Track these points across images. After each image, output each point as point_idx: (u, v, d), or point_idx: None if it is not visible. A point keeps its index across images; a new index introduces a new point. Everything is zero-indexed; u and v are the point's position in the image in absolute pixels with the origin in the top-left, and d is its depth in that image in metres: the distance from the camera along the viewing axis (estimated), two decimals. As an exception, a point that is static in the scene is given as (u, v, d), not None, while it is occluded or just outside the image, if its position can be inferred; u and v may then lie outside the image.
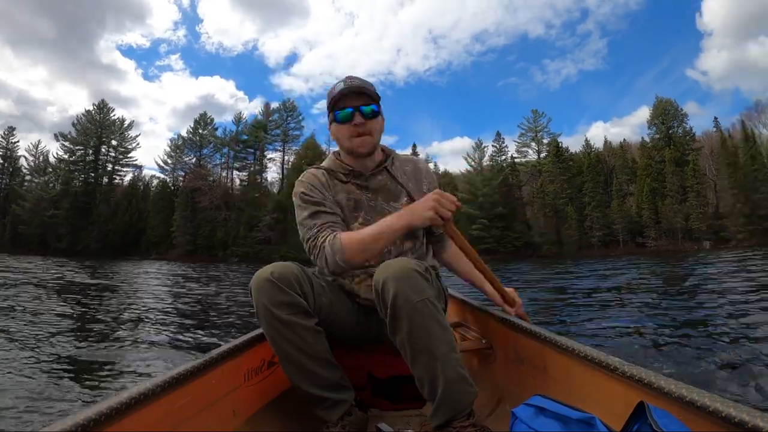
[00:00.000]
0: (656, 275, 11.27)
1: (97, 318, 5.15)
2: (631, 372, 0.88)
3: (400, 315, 1.03)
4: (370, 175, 1.38)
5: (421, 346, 1.03)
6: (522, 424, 0.85)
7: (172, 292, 8.84)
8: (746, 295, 5.91)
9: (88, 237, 48.87)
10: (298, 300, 1.11)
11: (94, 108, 54.33)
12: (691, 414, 0.74)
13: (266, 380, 1.27)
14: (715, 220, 41.90)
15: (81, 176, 52.95)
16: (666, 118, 46.38)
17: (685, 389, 0.76)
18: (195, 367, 0.96)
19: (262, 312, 1.09)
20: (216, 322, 5.21)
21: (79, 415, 0.68)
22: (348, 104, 1.29)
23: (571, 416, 0.79)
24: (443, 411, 1.03)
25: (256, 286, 1.10)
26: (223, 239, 46.88)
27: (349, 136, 1.30)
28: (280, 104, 54.10)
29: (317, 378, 1.12)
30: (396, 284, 1.03)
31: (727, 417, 0.67)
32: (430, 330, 1.03)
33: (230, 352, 1.10)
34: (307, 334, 1.11)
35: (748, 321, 4.09)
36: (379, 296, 1.07)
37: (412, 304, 1.02)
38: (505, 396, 1.34)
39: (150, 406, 0.81)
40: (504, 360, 1.43)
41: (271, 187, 52.85)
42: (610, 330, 4.04)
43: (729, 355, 2.90)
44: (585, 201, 45.89)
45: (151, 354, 3.44)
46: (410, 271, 1.05)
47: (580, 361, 1.04)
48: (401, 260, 1.10)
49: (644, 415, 0.72)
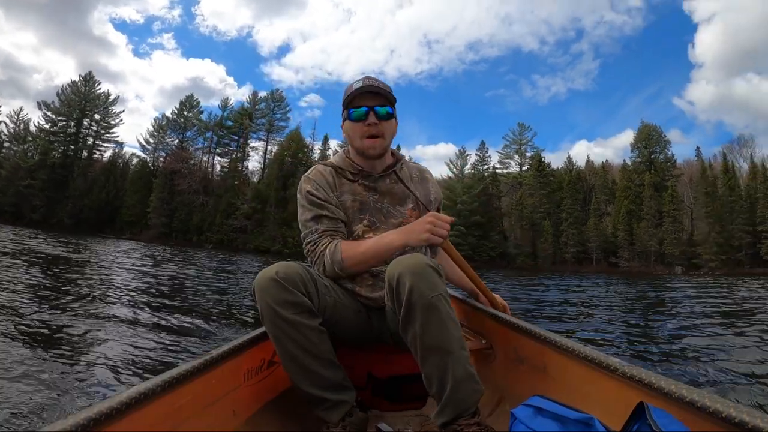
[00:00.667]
0: (624, 294, 11.60)
1: (62, 293, 5.15)
2: (630, 372, 0.87)
3: (415, 310, 1.02)
4: (378, 177, 1.38)
5: (433, 343, 1.03)
6: (521, 424, 0.85)
7: (141, 273, 8.86)
8: (703, 319, 6.16)
9: (62, 211, 47.99)
10: (302, 299, 1.10)
11: (80, 79, 53.20)
12: (691, 414, 0.73)
13: (266, 380, 1.26)
14: (689, 247, 42.57)
15: (60, 148, 51.73)
16: (649, 143, 46.95)
17: (685, 389, 0.75)
18: (195, 367, 0.95)
19: (267, 311, 1.08)
20: (180, 305, 5.22)
21: (79, 415, 0.67)
22: (363, 103, 1.30)
23: (570, 417, 0.79)
24: (450, 409, 1.02)
25: (260, 286, 1.10)
26: (199, 224, 46.37)
27: (361, 135, 1.32)
28: (268, 93, 53.66)
29: (319, 378, 1.11)
30: (412, 278, 1.02)
31: (727, 417, 0.67)
32: (444, 326, 1.03)
33: (230, 352, 1.09)
34: (312, 334, 1.10)
35: (700, 343, 4.31)
36: (393, 290, 1.06)
37: (428, 299, 1.02)
38: (505, 396, 1.34)
39: (150, 406, 0.80)
40: (504, 360, 1.43)
41: (252, 176, 52.45)
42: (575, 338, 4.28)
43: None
44: (562, 217, 46.28)
45: (113, 328, 3.49)
46: (425, 266, 1.05)
47: (579, 362, 1.04)
48: (415, 255, 1.10)
49: (644, 416, 0.71)
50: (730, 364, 3.31)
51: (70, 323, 3.58)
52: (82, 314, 3.97)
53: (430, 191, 1.47)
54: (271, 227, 43.71)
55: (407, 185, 1.41)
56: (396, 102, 1.35)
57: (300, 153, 48.20)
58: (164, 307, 4.83)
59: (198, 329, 4.03)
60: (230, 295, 6.77)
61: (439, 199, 1.50)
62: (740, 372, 3.03)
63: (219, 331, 4.03)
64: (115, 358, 2.86)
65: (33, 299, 4.47)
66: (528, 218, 46.16)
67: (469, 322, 1.79)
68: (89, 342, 3.13)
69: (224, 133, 51.77)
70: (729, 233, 41.14)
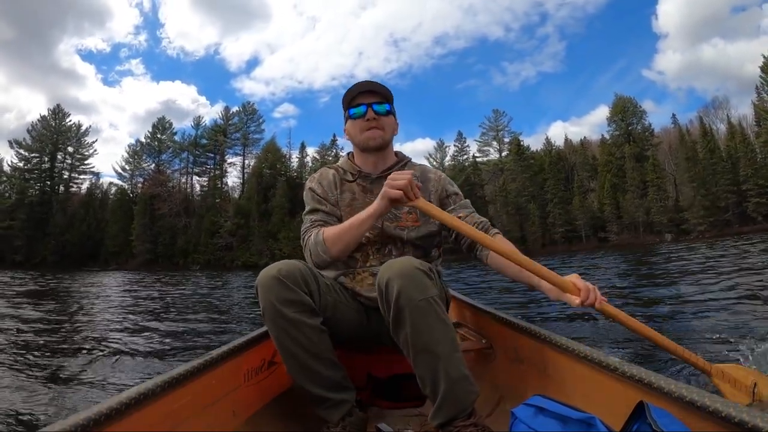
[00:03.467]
0: (617, 267, 11.75)
1: (49, 330, 4.93)
2: (630, 372, 0.88)
3: (403, 313, 1.03)
4: (376, 177, 1.39)
5: (423, 345, 1.03)
6: (521, 424, 0.85)
7: (129, 303, 8.67)
8: (700, 280, 6.21)
9: (45, 249, 47.30)
10: (304, 298, 1.11)
11: (50, 113, 52.46)
12: (691, 414, 0.73)
13: (266, 380, 1.26)
14: (676, 213, 42.66)
15: (37, 185, 51.01)
16: (625, 115, 47.04)
17: (684, 389, 0.76)
18: (195, 367, 0.95)
19: (269, 309, 1.08)
20: (169, 329, 5.01)
21: (79, 415, 0.67)
22: (362, 102, 1.34)
23: (571, 416, 0.78)
24: (445, 410, 1.02)
25: (262, 284, 1.10)
26: (184, 247, 45.86)
27: (361, 130, 1.35)
28: (240, 107, 53.28)
29: (320, 378, 1.11)
30: (400, 282, 1.03)
31: (727, 417, 0.67)
32: (433, 329, 1.03)
33: (230, 352, 1.10)
34: (312, 333, 1.11)
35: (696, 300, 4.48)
36: (382, 294, 1.07)
37: (415, 303, 1.02)
38: (505, 396, 1.33)
39: (150, 406, 0.81)
40: (504, 360, 1.41)
41: (233, 191, 52.03)
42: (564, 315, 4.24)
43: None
44: (547, 198, 46.28)
45: (117, 365, 3.26)
46: (413, 270, 1.05)
47: (579, 361, 1.04)
48: (404, 259, 1.11)
49: (644, 415, 0.71)
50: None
51: (60, 359, 3.41)
52: (70, 349, 3.79)
53: (430, 190, 1.43)
54: (257, 241, 43.26)
55: None
56: (393, 101, 1.40)
57: (278, 163, 47.81)
58: (155, 333, 4.65)
59: (192, 348, 3.87)
60: (224, 314, 6.52)
61: (441, 191, 1.44)
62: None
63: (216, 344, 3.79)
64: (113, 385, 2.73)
65: (21, 340, 4.26)
66: (513, 203, 46.07)
67: (469, 322, 1.79)
68: (85, 376, 2.94)
69: (200, 152, 51.28)
70: (714, 195, 41.28)
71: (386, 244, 1.36)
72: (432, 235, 1.40)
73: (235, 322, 5.58)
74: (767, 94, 42.62)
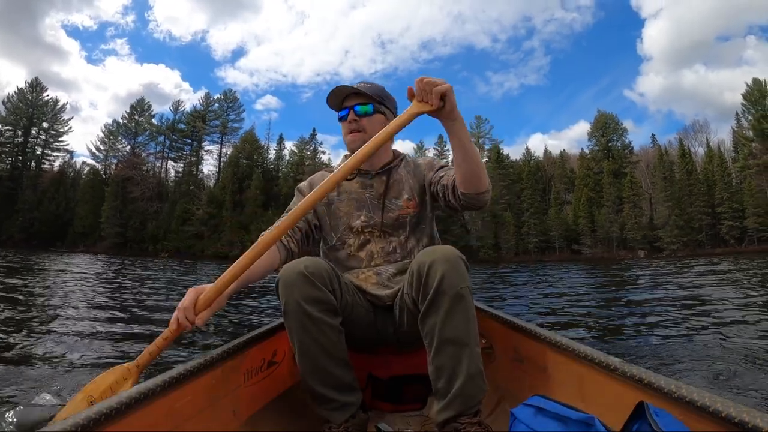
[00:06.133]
0: (587, 281, 11.66)
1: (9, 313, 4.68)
2: (631, 372, 0.87)
3: (442, 299, 1.03)
4: (375, 174, 1.40)
5: (453, 334, 1.02)
6: (521, 424, 0.85)
7: (91, 287, 8.39)
8: (663, 301, 6.18)
9: (12, 226, 46.11)
10: (329, 297, 1.09)
11: (27, 86, 51.07)
12: (691, 414, 0.73)
13: (266, 380, 1.26)
14: (650, 231, 42.93)
15: (8, 159, 49.74)
16: (606, 132, 47.51)
17: (684, 389, 0.76)
18: (195, 367, 0.95)
19: (293, 306, 1.06)
20: (135, 317, 4.80)
21: (80, 415, 0.67)
22: (347, 104, 1.36)
23: (571, 416, 0.78)
24: (456, 405, 1.01)
25: (287, 280, 1.07)
26: (154, 233, 45.09)
27: (345, 133, 1.38)
28: (221, 94, 52.48)
29: (331, 378, 1.10)
30: (445, 267, 1.03)
31: (727, 417, 0.67)
32: (465, 319, 1.03)
33: (230, 352, 1.10)
34: (332, 333, 1.10)
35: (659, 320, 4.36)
36: (422, 278, 1.05)
37: (456, 290, 1.02)
38: (505, 396, 1.33)
39: (150, 406, 0.81)
40: (503, 360, 1.41)
41: (207, 179, 51.27)
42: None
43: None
44: (523, 207, 46.38)
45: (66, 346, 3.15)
46: (457, 258, 1.06)
47: (579, 361, 1.03)
48: (447, 246, 1.11)
49: (644, 415, 0.71)
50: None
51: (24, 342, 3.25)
52: (31, 335, 3.56)
53: (422, 174, 1.43)
54: (228, 232, 42.66)
55: (402, 179, 1.41)
56: (390, 101, 1.40)
57: (255, 154, 47.13)
58: (118, 321, 4.44)
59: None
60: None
61: (428, 164, 1.43)
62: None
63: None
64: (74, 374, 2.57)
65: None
66: (489, 210, 45.85)
67: None
68: (46, 359, 2.87)
69: (177, 137, 50.39)
70: (689, 216, 41.74)
71: (389, 240, 1.34)
72: (432, 212, 1.42)
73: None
74: (747, 121, 43.01)
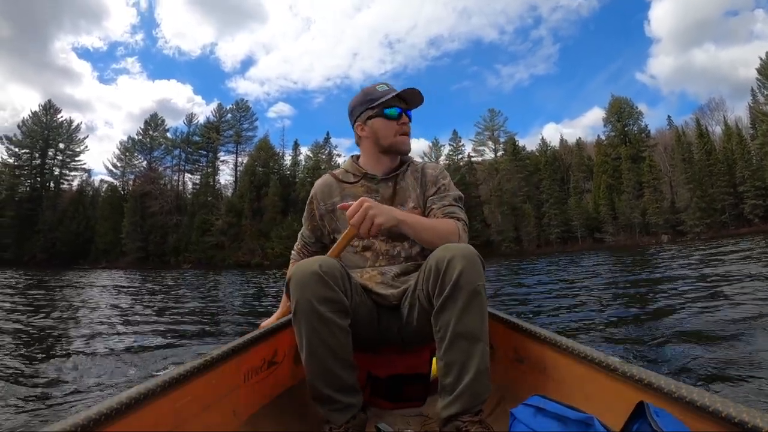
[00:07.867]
0: (616, 268, 11.36)
1: (39, 330, 4.67)
2: (631, 372, 0.87)
3: (459, 294, 1.04)
4: (381, 179, 1.40)
5: (466, 329, 1.04)
6: (521, 424, 0.85)
7: (116, 302, 8.34)
8: (696, 285, 5.92)
9: (34, 246, 46.61)
10: (341, 298, 1.09)
11: (41, 109, 51.85)
12: (691, 414, 0.73)
13: (266, 380, 1.26)
14: (672, 214, 42.39)
15: (27, 182, 50.38)
16: (621, 116, 46.92)
17: (684, 389, 0.76)
18: (195, 367, 0.95)
19: (305, 306, 1.06)
20: (159, 329, 4.74)
21: (79, 415, 0.67)
22: (397, 105, 1.37)
23: (570, 416, 0.79)
24: (462, 401, 1.01)
25: (300, 279, 1.07)
26: (175, 245, 45.31)
27: (395, 133, 1.37)
28: (233, 104, 52.81)
29: (336, 379, 1.10)
30: (464, 263, 1.04)
31: (727, 417, 0.67)
32: (482, 315, 1.05)
33: (230, 352, 1.09)
34: (341, 334, 1.10)
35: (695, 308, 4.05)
36: (439, 272, 1.06)
37: (474, 286, 1.04)
38: (505, 396, 1.33)
39: (150, 406, 0.81)
40: (503, 360, 1.41)
41: (225, 189, 51.46)
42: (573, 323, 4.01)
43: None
44: (542, 198, 45.98)
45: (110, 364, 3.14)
46: (475, 255, 1.08)
47: (579, 361, 1.04)
48: (465, 244, 1.12)
49: (644, 415, 0.71)
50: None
51: (52, 360, 3.26)
52: (62, 353, 3.56)
53: (427, 185, 1.42)
54: (248, 240, 42.75)
55: (408, 186, 1.41)
56: None
57: (270, 161, 47.30)
58: (141, 333, 4.43)
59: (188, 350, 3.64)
60: (215, 316, 6.12)
61: (433, 180, 1.42)
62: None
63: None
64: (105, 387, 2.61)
65: (11, 341, 4.05)
66: (508, 203, 45.71)
67: None
68: (68, 377, 2.87)
69: (192, 149, 50.75)
70: (710, 197, 41.10)
71: (394, 245, 1.34)
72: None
73: (227, 323, 5.28)
74: (763, 96, 42.49)
